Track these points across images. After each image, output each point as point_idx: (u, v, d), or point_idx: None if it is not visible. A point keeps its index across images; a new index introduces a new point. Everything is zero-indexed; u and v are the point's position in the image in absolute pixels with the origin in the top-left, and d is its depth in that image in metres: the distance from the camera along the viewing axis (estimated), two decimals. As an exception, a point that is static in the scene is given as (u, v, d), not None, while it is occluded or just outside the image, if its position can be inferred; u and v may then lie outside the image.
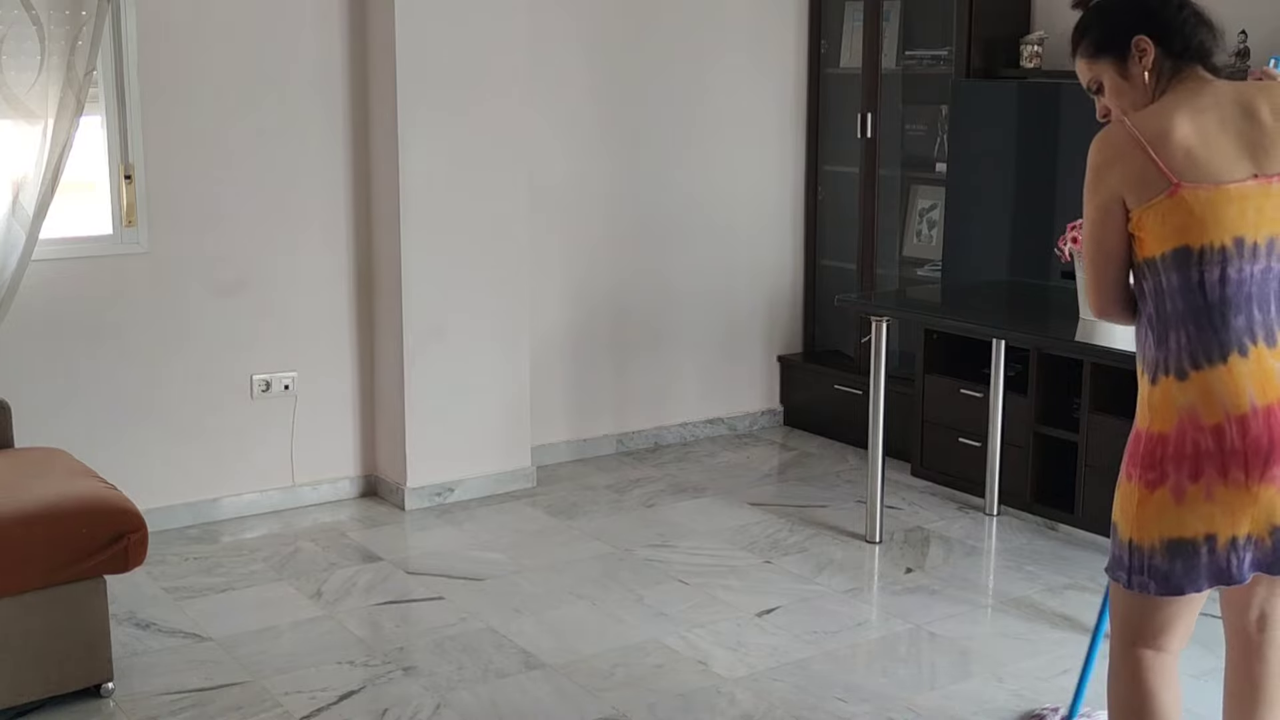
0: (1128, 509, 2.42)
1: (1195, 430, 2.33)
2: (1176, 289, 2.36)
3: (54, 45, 4.07)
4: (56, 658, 3.31)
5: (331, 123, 4.77)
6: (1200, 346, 2.35)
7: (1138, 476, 2.40)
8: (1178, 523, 2.36)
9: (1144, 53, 2.44)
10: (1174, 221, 2.33)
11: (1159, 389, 2.38)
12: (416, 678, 3.57)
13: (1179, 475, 2.35)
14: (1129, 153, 2.35)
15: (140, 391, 4.54)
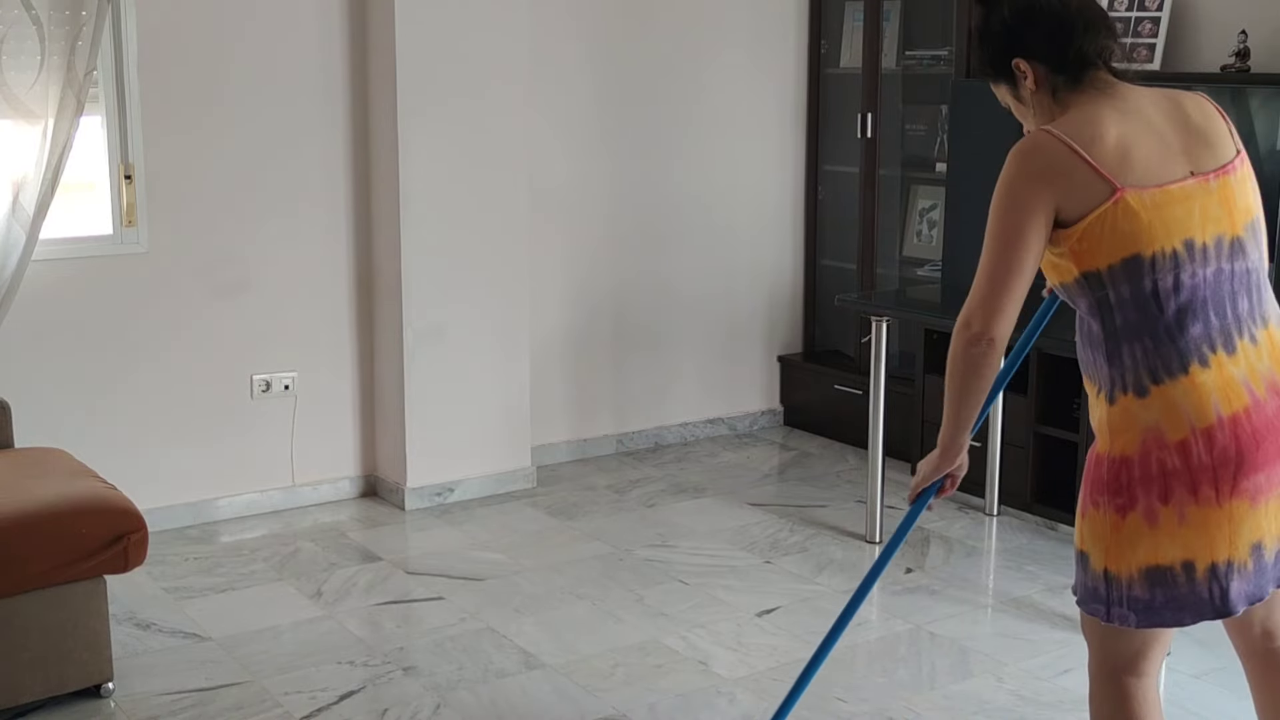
0: (1100, 537, 2.28)
1: (1160, 449, 2.20)
2: (1128, 301, 2.22)
3: (54, 45, 4.07)
4: (56, 658, 3.31)
5: (332, 122, 4.77)
6: (1159, 360, 2.22)
7: (1106, 503, 2.26)
8: (1153, 549, 2.23)
9: (1025, 74, 2.37)
10: (1122, 229, 2.20)
11: (1118, 408, 2.25)
12: (416, 678, 3.57)
13: (1149, 498, 2.22)
14: (1062, 161, 2.23)
15: (140, 391, 4.54)
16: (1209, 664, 3.68)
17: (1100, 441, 2.30)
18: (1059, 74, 2.34)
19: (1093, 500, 2.29)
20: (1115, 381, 2.26)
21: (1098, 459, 2.29)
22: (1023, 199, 2.25)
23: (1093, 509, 2.30)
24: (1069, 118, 2.29)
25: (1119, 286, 2.22)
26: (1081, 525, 2.33)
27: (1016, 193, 2.26)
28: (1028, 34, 2.35)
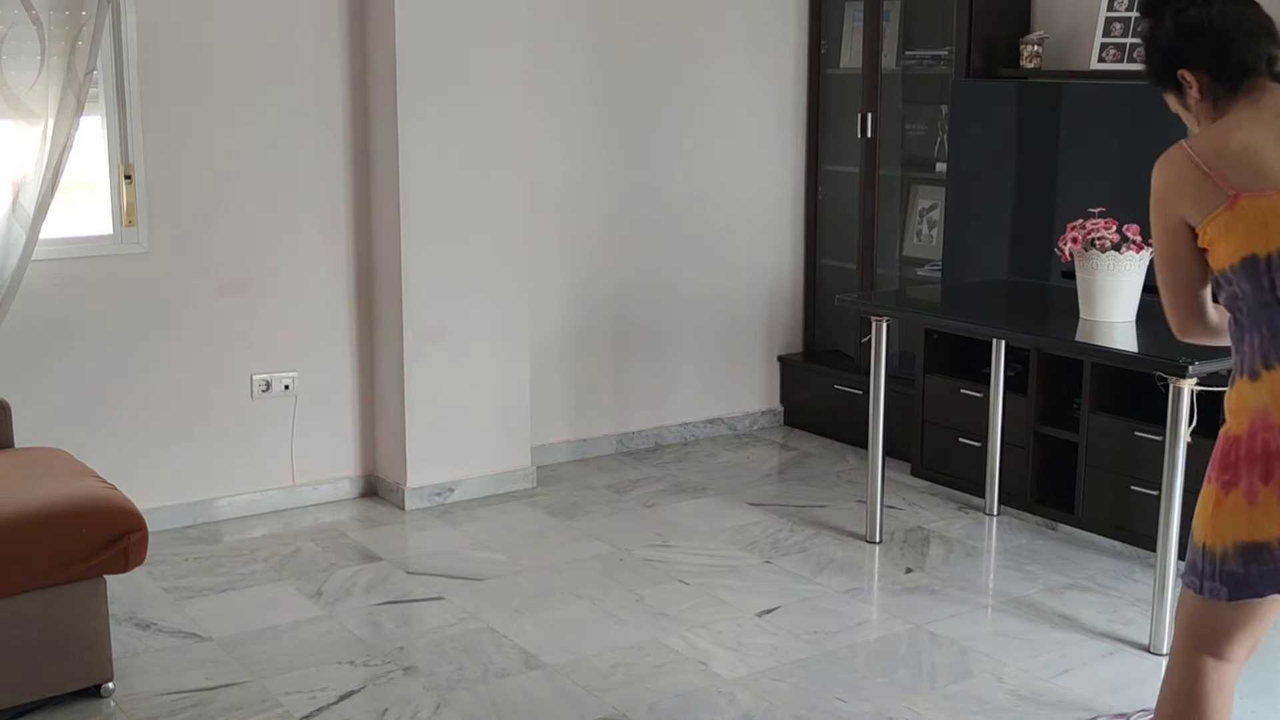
0: (1204, 512, 2.43)
1: (1266, 430, 2.35)
2: (1249, 295, 2.39)
3: (54, 45, 4.07)
4: (56, 658, 3.31)
5: (332, 122, 4.77)
6: (1274, 348, 2.37)
7: (1215, 478, 2.41)
8: (1250, 525, 2.36)
9: (1190, 85, 2.50)
10: (1239, 231, 2.36)
11: (1235, 391, 2.42)
12: (416, 678, 3.57)
13: (1251, 476, 2.36)
14: (1185, 172, 2.41)
15: (140, 391, 4.54)
16: (1209, 664, 3.67)
17: (1226, 423, 2.45)
18: (1220, 83, 2.47)
19: (1208, 476, 2.44)
20: (1239, 366, 2.43)
21: (1221, 438, 2.44)
22: (1159, 211, 2.47)
23: (1206, 485, 2.44)
24: (1209, 128, 2.47)
25: (1241, 283, 2.38)
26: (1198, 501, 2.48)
27: (1155, 206, 2.47)
28: (1190, 47, 2.48)
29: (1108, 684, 3.57)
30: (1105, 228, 4.00)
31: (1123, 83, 4.76)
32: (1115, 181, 4.69)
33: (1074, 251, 4.03)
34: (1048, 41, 5.09)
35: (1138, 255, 3.97)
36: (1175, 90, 2.54)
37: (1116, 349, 3.89)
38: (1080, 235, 4.02)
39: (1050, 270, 4.77)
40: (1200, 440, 4.00)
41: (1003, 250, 5.20)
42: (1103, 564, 4.40)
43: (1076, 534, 4.62)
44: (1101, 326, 4.00)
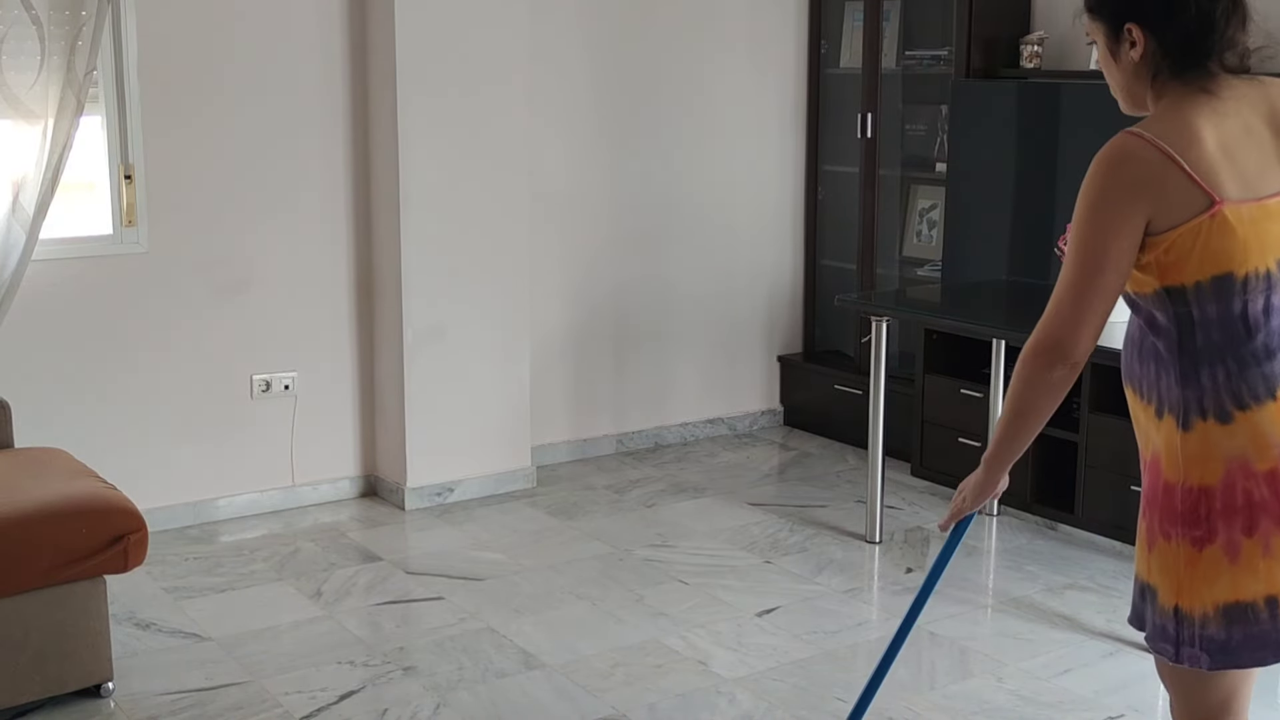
0: (1171, 571, 2.11)
1: (1246, 479, 2.06)
2: (1214, 321, 2.07)
3: (54, 45, 4.07)
4: (56, 658, 3.31)
5: (332, 122, 4.77)
6: (1244, 384, 2.07)
7: (1180, 535, 2.09)
8: (1233, 585, 2.08)
9: (1133, 44, 2.13)
10: (1215, 245, 2.03)
11: (1195, 435, 2.08)
12: (416, 678, 3.57)
13: (1230, 531, 2.07)
14: (1158, 169, 2.03)
15: (140, 391, 4.54)
16: (1209, 664, 3.68)
17: (1168, 469, 2.12)
18: (1171, 57, 2.11)
19: (1162, 532, 2.12)
20: (1190, 405, 2.09)
21: (1167, 488, 2.12)
22: (1112, 213, 2.05)
23: (1163, 541, 2.12)
24: (1163, 116, 2.09)
25: (1205, 305, 2.06)
26: (1149, 558, 2.16)
27: (1106, 206, 2.06)
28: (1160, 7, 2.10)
29: (1107, 684, 3.57)
30: (1105, 228, 3.99)
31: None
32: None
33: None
34: (1048, 41, 5.09)
35: (1138, 255, 3.97)
36: (1108, 31, 2.16)
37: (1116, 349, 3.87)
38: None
39: (1050, 270, 4.77)
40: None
41: (1002, 250, 5.21)
42: (1103, 564, 4.40)
43: (1076, 534, 4.62)
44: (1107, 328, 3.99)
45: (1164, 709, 3.47)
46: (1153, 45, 2.10)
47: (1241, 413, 2.07)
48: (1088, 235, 2.07)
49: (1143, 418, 2.19)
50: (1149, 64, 2.12)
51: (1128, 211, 2.04)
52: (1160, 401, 2.13)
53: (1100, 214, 2.06)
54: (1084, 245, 2.08)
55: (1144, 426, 2.19)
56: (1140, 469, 2.24)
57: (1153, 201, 2.03)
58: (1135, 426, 2.23)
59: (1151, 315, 2.12)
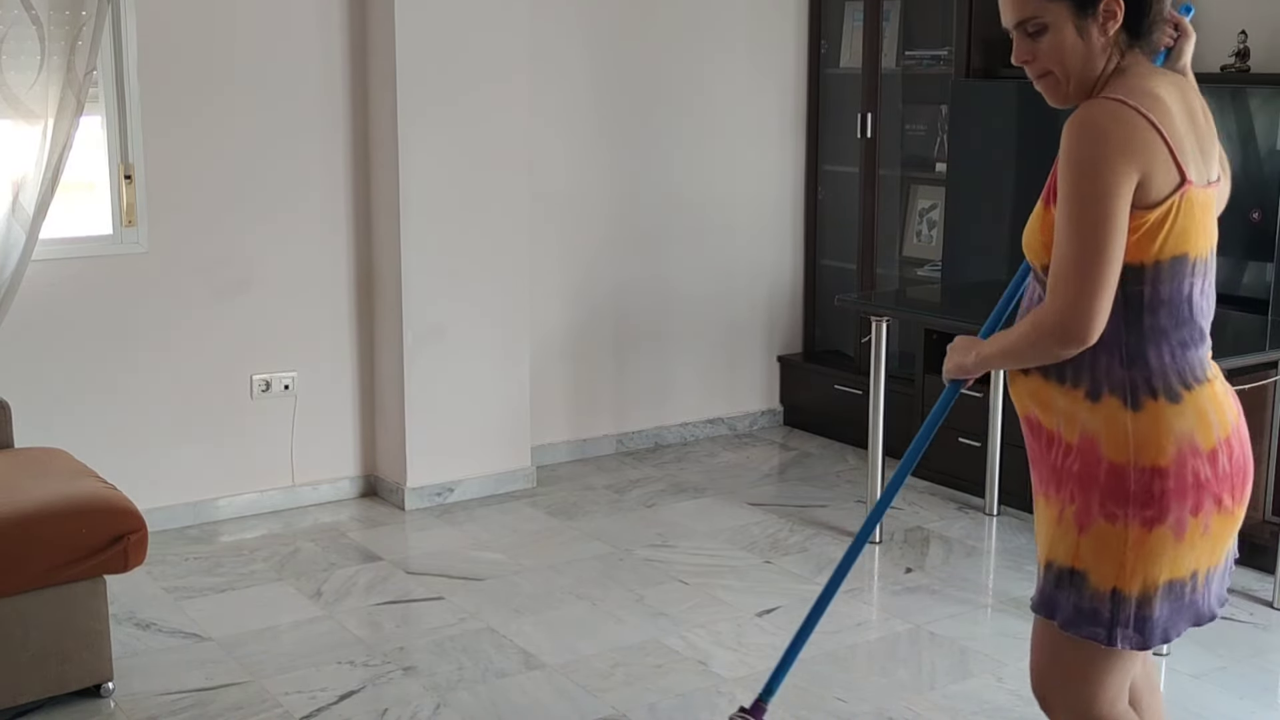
0: (1112, 553, 2.08)
1: (1194, 458, 2.07)
2: (1164, 301, 2.06)
3: (54, 45, 4.07)
4: (56, 658, 3.31)
5: (332, 122, 4.77)
6: (1187, 364, 2.10)
7: (1129, 516, 2.06)
8: (1174, 562, 2.09)
9: (1112, 17, 2.06)
10: (1180, 224, 2.02)
11: (1146, 415, 2.06)
12: (416, 678, 3.57)
13: (1181, 511, 2.07)
14: (1146, 137, 1.98)
15: (140, 391, 4.54)
16: (1209, 664, 3.68)
17: (1112, 450, 2.07)
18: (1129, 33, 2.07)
19: (1106, 513, 2.08)
20: (1138, 385, 2.07)
21: (1113, 469, 2.07)
22: (1111, 178, 1.96)
23: (1105, 523, 2.08)
24: (1137, 88, 2.02)
25: (1160, 285, 2.05)
26: (1079, 541, 2.11)
27: (1104, 171, 1.96)
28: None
29: (1108, 684, 3.56)
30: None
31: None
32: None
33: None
34: (1048, 41, 5.08)
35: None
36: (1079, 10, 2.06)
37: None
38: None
39: (1050, 270, 4.76)
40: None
41: (1003, 250, 5.20)
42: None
43: (1076, 534, 4.61)
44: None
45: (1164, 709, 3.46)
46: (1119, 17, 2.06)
47: (1188, 392, 2.08)
48: (1088, 203, 1.97)
49: (1061, 400, 2.12)
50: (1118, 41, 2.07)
51: (1125, 175, 1.97)
52: (1095, 383, 2.09)
53: (1099, 178, 1.96)
54: (1083, 215, 1.97)
55: (1062, 408, 2.13)
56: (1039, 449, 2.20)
57: (1142, 170, 1.98)
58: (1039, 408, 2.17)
59: None
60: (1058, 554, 2.15)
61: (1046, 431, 2.17)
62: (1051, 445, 2.16)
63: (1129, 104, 1.99)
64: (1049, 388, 2.14)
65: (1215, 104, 4.43)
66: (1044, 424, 2.17)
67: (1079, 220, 1.98)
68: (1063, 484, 2.14)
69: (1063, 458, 2.14)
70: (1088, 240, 1.98)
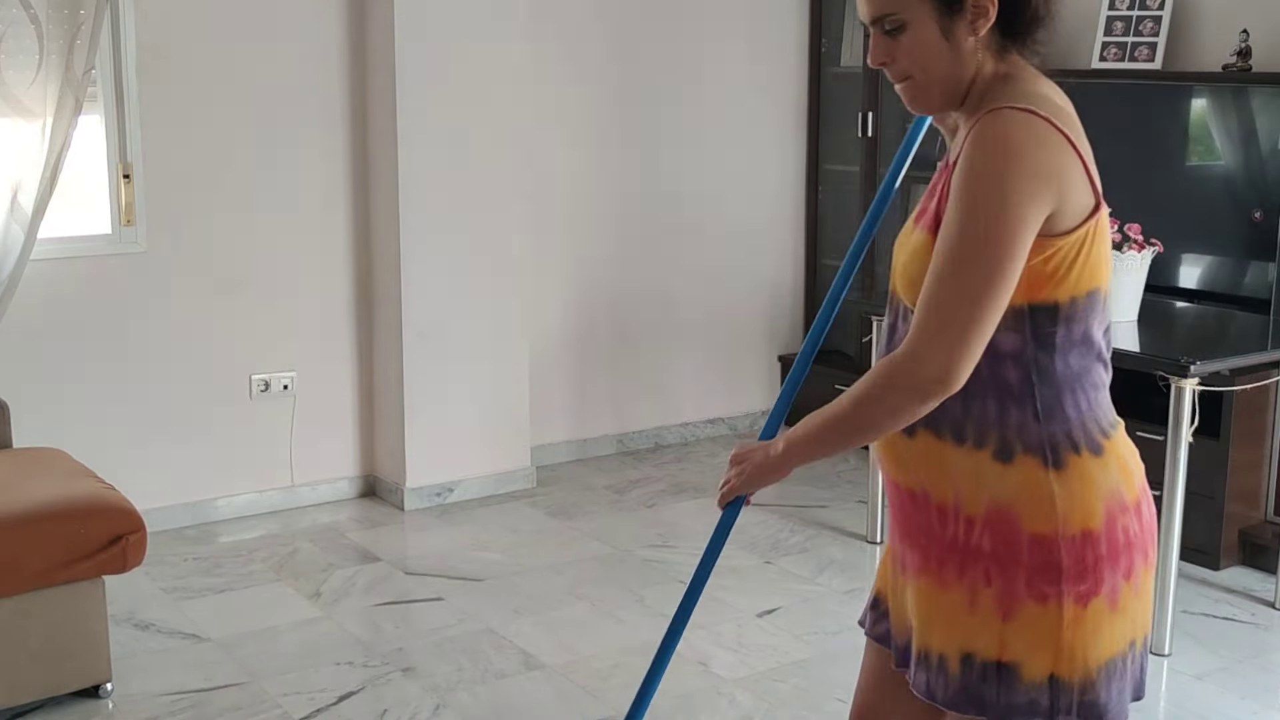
0: (1047, 638, 1.81)
1: (1123, 514, 1.82)
2: (1076, 343, 1.81)
3: (52, 44, 4.06)
4: (55, 658, 3.30)
5: (330, 122, 4.76)
6: (1102, 409, 1.85)
7: (1064, 593, 1.80)
8: (1111, 637, 1.84)
9: (983, 15, 1.82)
10: (1094, 254, 1.78)
11: (1073, 474, 1.80)
12: (416, 679, 3.56)
13: (1114, 577, 1.82)
14: (1065, 157, 1.75)
15: (139, 391, 4.53)
16: (1211, 664, 3.67)
17: (1034, 520, 1.80)
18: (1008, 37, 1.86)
19: (1036, 594, 1.80)
20: (1059, 441, 1.81)
21: (1037, 541, 1.80)
22: (1023, 207, 1.71)
23: (1035, 605, 1.81)
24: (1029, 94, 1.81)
25: (1074, 324, 1.80)
26: (1003, 629, 1.82)
27: (1014, 196, 1.71)
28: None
29: (1109, 685, 3.55)
30: (1106, 227, 3.98)
31: (1124, 82, 4.74)
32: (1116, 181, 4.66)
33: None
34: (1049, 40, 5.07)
35: (1139, 255, 3.97)
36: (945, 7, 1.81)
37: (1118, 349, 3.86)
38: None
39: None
40: (1202, 440, 4.01)
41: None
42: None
43: (1077, 534, 4.60)
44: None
45: (1165, 710, 3.46)
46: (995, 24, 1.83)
47: (1108, 442, 1.84)
48: (992, 231, 1.70)
49: (961, 464, 1.83)
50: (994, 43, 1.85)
51: (1037, 204, 1.71)
52: (1005, 441, 1.81)
53: (1009, 205, 1.70)
54: (985, 244, 1.71)
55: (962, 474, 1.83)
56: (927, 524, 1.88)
57: (1056, 197, 1.73)
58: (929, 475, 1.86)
59: (996, 341, 1.77)
60: (977, 646, 1.84)
61: (938, 504, 1.86)
62: (946, 519, 1.85)
63: (1040, 115, 1.75)
64: (944, 449, 1.83)
65: (1217, 103, 4.45)
66: (934, 495, 1.86)
67: (979, 249, 1.71)
68: (968, 565, 1.84)
69: (965, 533, 1.83)
70: (986, 275, 1.71)
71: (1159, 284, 4.25)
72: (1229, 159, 4.49)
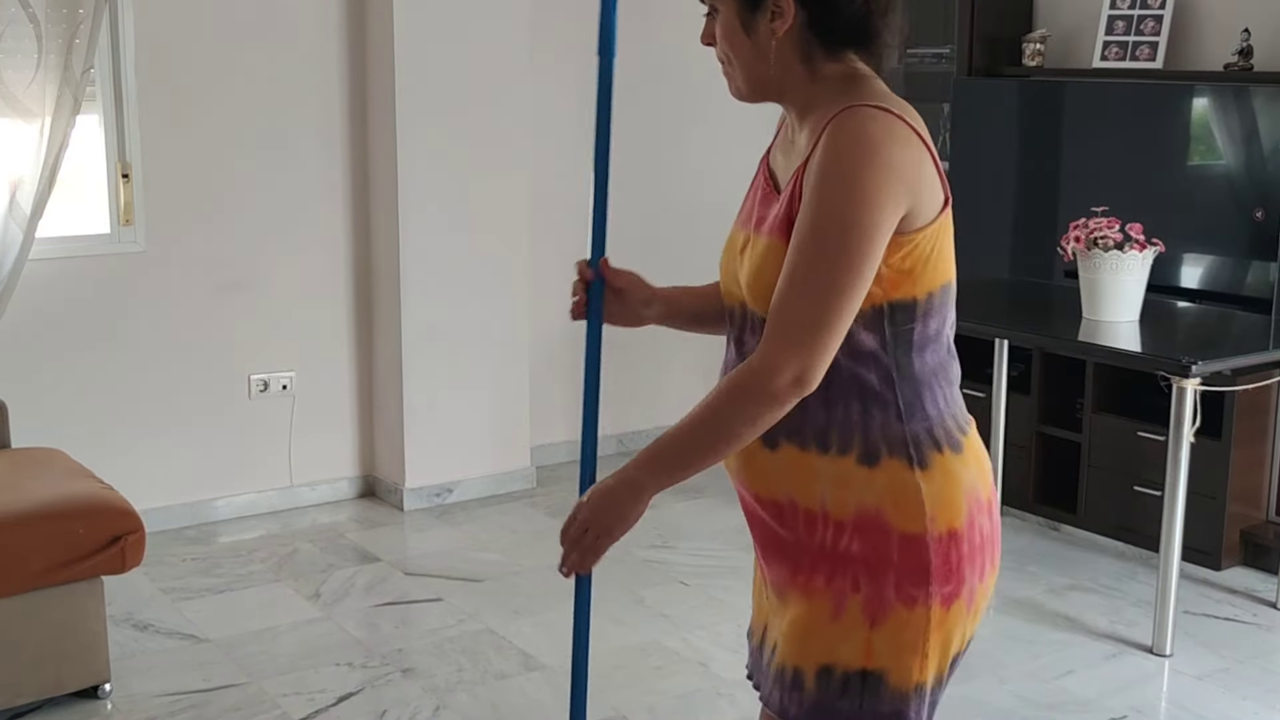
0: (912, 644, 1.79)
1: (979, 512, 1.80)
2: (933, 337, 1.79)
3: (51, 44, 4.06)
4: (54, 659, 3.29)
5: (330, 122, 4.75)
6: (958, 407, 1.83)
7: (930, 595, 1.77)
8: (962, 637, 1.85)
9: (780, 17, 1.79)
10: (944, 247, 1.77)
11: (937, 472, 1.77)
12: (415, 679, 3.55)
13: (973, 577, 1.80)
14: (919, 155, 1.72)
15: (138, 391, 4.52)
16: (1212, 665, 3.66)
17: (902, 521, 1.76)
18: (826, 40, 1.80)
19: (904, 597, 1.77)
20: (922, 440, 1.78)
21: (907, 542, 1.76)
22: (882, 207, 1.68)
23: (902, 609, 1.77)
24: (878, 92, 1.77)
25: (930, 319, 1.78)
26: (872, 637, 1.79)
27: (874, 196, 1.68)
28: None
29: (1110, 685, 3.55)
30: (1108, 227, 3.98)
31: (1126, 81, 4.74)
32: (1118, 180, 4.67)
33: (1076, 251, 4.01)
34: (1050, 40, 5.07)
35: (1141, 255, 3.96)
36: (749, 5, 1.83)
37: (1119, 349, 3.87)
38: (1083, 234, 4.00)
39: (1053, 270, 4.75)
40: (1203, 440, 4.00)
41: (1005, 249, 5.19)
42: (1105, 565, 4.38)
43: (1079, 535, 4.60)
44: (1104, 326, 3.98)
45: (1166, 711, 3.45)
46: (801, 24, 1.79)
47: (965, 439, 1.82)
48: (850, 231, 1.67)
49: (827, 471, 1.79)
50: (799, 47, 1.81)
51: (895, 204, 1.69)
52: (869, 444, 1.77)
53: (868, 205, 1.67)
54: (843, 245, 1.68)
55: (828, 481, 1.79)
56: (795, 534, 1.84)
57: (912, 194, 1.71)
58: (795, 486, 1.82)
59: (856, 341, 1.76)
60: (840, 656, 1.80)
61: (805, 511, 1.82)
62: (814, 526, 1.81)
63: (893, 112, 1.72)
64: (809, 459, 1.80)
65: (1218, 103, 4.44)
66: (800, 503, 1.82)
67: (837, 250, 1.68)
68: (838, 571, 1.79)
69: (834, 538, 1.79)
70: (840, 275, 1.68)
71: (1160, 284, 4.24)
72: (1230, 158, 4.48)
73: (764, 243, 1.83)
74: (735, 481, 1.95)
